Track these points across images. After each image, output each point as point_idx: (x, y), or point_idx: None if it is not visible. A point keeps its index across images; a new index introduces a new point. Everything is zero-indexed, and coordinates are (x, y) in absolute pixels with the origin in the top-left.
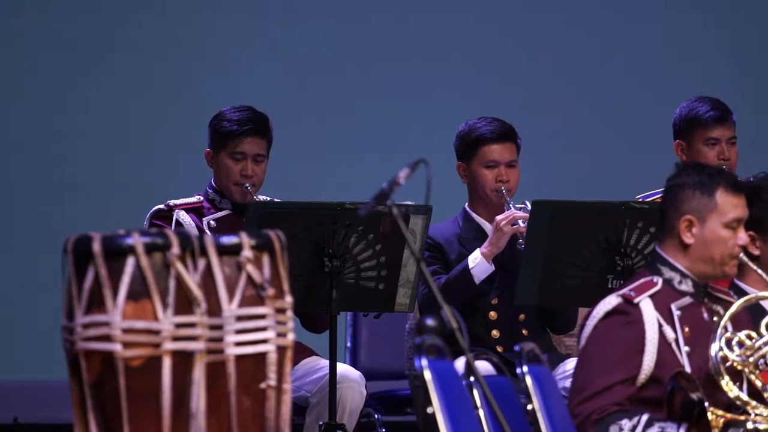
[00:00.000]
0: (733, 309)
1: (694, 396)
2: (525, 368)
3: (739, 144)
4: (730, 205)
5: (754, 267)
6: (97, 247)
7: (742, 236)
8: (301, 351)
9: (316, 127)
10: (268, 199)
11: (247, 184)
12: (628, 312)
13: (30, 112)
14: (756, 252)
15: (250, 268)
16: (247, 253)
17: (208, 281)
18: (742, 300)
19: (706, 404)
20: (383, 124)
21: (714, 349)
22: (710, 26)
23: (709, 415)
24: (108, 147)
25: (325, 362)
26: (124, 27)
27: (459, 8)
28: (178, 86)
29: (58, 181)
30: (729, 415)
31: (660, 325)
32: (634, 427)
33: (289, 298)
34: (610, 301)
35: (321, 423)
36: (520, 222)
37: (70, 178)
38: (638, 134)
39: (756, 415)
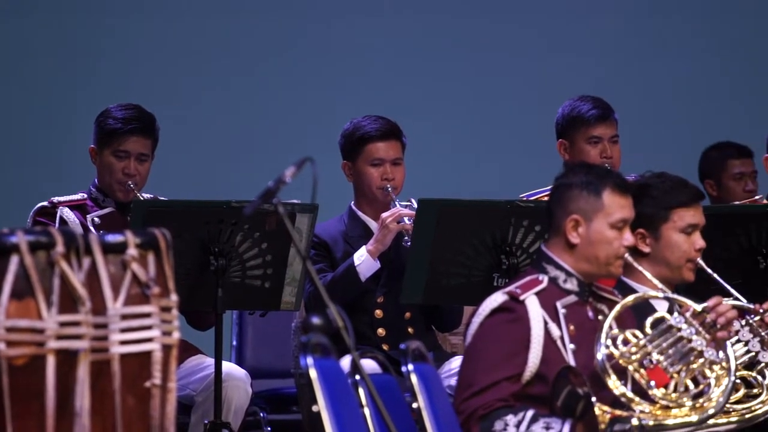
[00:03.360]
0: (618, 307)
1: (581, 390)
2: (410, 366)
3: None
4: (616, 206)
5: (640, 268)
6: None
7: (628, 237)
8: (187, 349)
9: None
10: (152, 197)
11: (130, 183)
12: (514, 309)
13: None
14: (646, 249)
15: (135, 266)
16: (132, 251)
17: (92, 280)
18: (627, 299)
19: (594, 399)
20: (270, 123)
21: (600, 346)
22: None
23: (596, 410)
24: None
25: (211, 361)
26: None
27: (346, 10)
28: (62, 85)
29: None
30: (615, 411)
31: (545, 323)
32: (519, 423)
33: (174, 297)
34: (496, 299)
35: (206, 422)
36: (405, 219)
37: None
38: (525, 134)
39: (641, 411)
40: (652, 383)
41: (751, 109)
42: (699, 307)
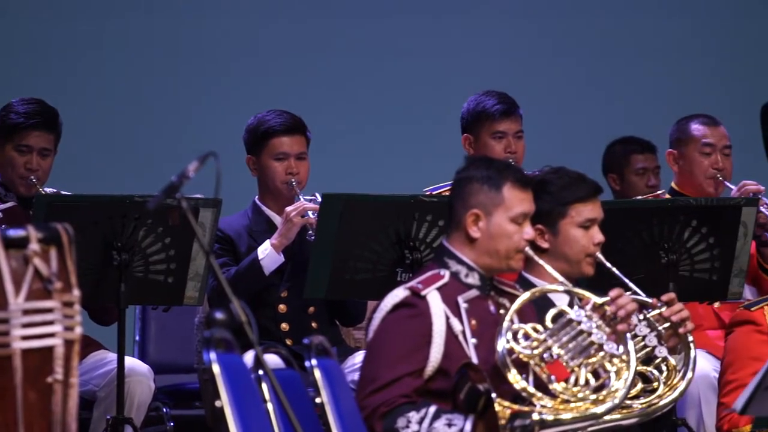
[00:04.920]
0: (519, 302)
1: (481, 387)
2: (314, 361)
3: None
4: (516, 200)
5: (540, 261)
6: None
7: (528, 230)
8: (89, 345)
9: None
10: (55, 191)
11: (32, 177)
12: (416, 304)
13: None
14: (545, 245)
15: (37, 261)
16: (34, 246)
17: None
18: (527, 293)
19: (494, 395)
20: (173, 119)
21: (500, 341)
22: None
23: (496, 406)
24: None
25: (113, 356)
26: None
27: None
28: None
29: None
30: (515, 406)
31: (447, 318)
32: (422, 419)
33: (76, 292)
34: (398, 294)
35: (108, 417)
36: (309, 213)
37: None
38: (430, 128)
39: (542, 406)
40: (553, 377)
41: (654, 104)
42: (599, 300)
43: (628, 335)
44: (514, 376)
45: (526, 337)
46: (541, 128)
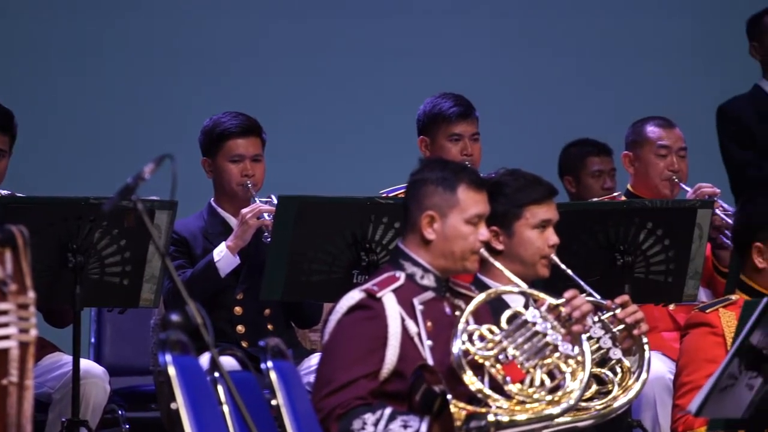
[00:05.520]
0: (474, 303)
1: (437, 389)
2: (270, 363)
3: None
4: (471, 202)
5: (496, 262)
6: None
7: (483, 232)
8: (44, 347)
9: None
10: (10, 193)
11: None
12: (372, 306)
13: None
14: (500, 247)
15: None
16: None
17: None
18: (483, 294)
19: (449, 397)
20: (128, 121)
21: (456, 342)
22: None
23: (452, 408)
24: None
25: (68, 358)
26: None
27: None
28: None
29: None
30: (471, 408)
31: (403, 320)
32: (378, 421)
33: (31, 294)
34: (353, 296)
35: (64, 419)
36: (265, 215)
37: None
38: (386, 130)
39: (497, 407)
40: (508, 379)
41: (611, 106)
42: (554, 302)
43: (583, 336)
44: (469, 378)
45: (482, 338)
46: (496, 130)
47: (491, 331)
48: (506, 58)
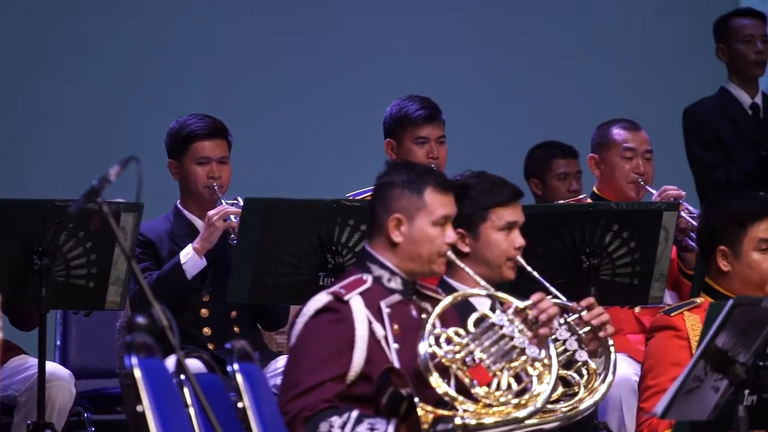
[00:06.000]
0: (441, 306)
1: (404, 391)
2: (236, 366)
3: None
4: (438, 204)
5: (462, 265)
6: None
7: (450, 234)
8: (10, 349)
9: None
10: None
11: None
12: (339, 309)
13: None
14: (466, 249)
15: None
16: None
17: None
18: (449, 297)
19: (416, 399)
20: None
21: (423, 346)
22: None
23: (419, 411)
24: None
25: (34, 360)
26: None
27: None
28: None
29: None
30: (438, 411)
31: (370, 323)
32: (344, 424)
33: None
34: (321, 299)
35: (29, 422)
36: (232, 217)
37: None
38: (353, 133)
39: (464, 410)
40: (475, 382)
41: (577, 109)
42: (521, 304)
43: (550, 339)
44: (436, 380)
45: (449, 341)
46: (462, 133)
47: (458, 334)
48: (471, 60)
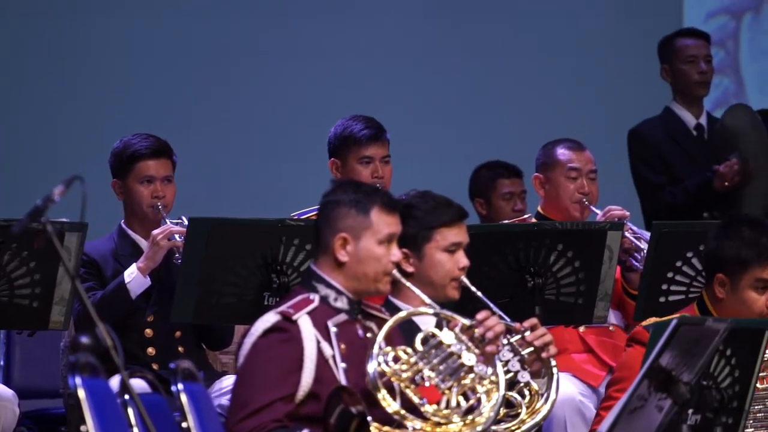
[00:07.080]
0: (388, 325)
1: (354, 409)
2: (180, 386)
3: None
4: (384, 223)
5: (408, 284)
6: None
7: (396, 253)
8: None
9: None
10: None
11: None
12: (287, 329)
13: None
14: (410, 269)
15: None
16: None
17: None
18: (398, 315)
19: (369, 418)
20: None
21: (371, 364)
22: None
23: (372, 429)
24: None
25: None
26: None
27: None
28: None
29: None
30: (387, 429)
31: (318, 342)
32: None
33: None
34: (269, 319)
35: None
36: (176, 237)
37: None
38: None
39: (413, 428)
40: (424, 400)
41: (521, 128)
42: (468, 322)
43: (497, 357)
44: (384, 399)
45: (396, 359)
46: (407, 152)
47: (406, 353)
48: (415, 79)
